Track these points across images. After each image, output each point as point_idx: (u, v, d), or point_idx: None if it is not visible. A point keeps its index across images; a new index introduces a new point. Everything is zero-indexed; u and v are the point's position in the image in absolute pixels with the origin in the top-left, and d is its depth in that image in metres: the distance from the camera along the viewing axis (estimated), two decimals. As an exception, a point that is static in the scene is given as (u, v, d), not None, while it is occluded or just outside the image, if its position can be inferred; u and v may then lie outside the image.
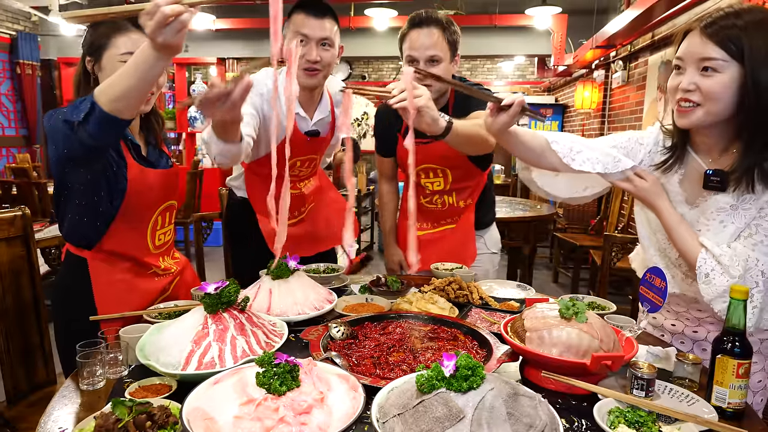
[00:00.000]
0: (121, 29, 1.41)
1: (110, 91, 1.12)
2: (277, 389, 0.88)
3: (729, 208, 1.21)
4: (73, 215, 1.44)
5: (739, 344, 1.01)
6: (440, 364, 0.87)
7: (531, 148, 1.40)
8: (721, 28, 1.13)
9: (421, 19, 1.76)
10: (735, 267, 1.17)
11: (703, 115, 1.17)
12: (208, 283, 1.19)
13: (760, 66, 1.11)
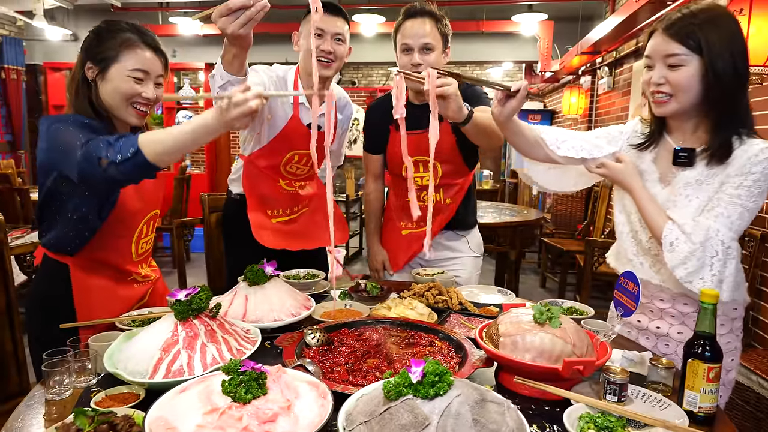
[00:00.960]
0: (132, 45, 1.41)
1: (160, 147, 1.21)
2: (242, 397, 0.87)
3: (695, 183, 1.32)
4: (62, 227, 1.42)
5: (710, 348, 1.02)
6: (407, 371, 0.86)
7: (526, 138, 1.52)
8: (680, 27, 1.26)
9: (415, 10, 1.84)
10: (696, 234, 1.25)
11: (675, 104, 1.31)
12: (179, 290, 1.17)
13: (717, 57, 1.24)
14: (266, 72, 1.90)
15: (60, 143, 1.31)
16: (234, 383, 0.89)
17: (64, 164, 1.30)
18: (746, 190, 1.24)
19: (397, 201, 2.15)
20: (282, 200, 2.05)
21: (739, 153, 1.27)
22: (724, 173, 1.28)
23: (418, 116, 1.91)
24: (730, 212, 1.25)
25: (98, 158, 1.21)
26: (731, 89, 1.26)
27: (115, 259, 1.50)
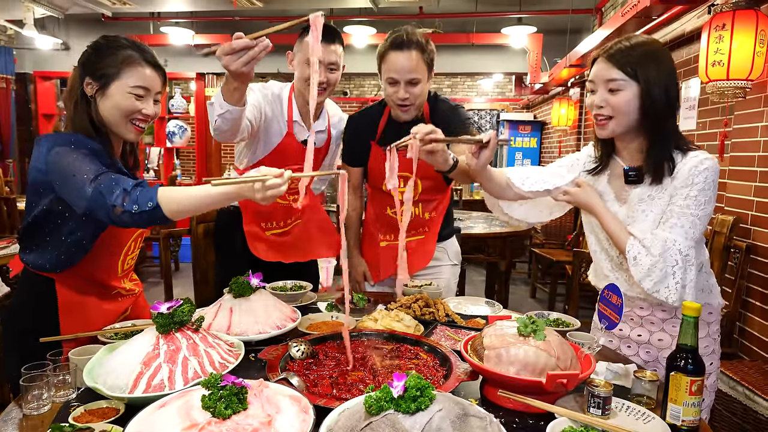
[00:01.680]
0: (133, 62, 1.40)
1: (177, 207, 1.25)
2: (221, 413, 0.85)
3: (647, 198, 1.40)
4: (53, 249, 1.39)
5: (692, 361, 1.02)
6: (389, 385, 0.86)
7: (498, 183, 1.63)
8: (620, 56, 1.36)
9: (401, 41, 1.79)
10: (655, 246, 1.32)
11: (614, 125, 1.40)
12: (162, 302, 1.16)
13: (653, 87, 1.35)
14: (261, 91, 1.91)
15: (63, 170, 1.29)
16: (214, 398, 0.88)
17: (66, 193, 1.29)
18: (693, 200, 1.32)
19: (376, 213, 2.15)
20: (276, 213, 2.05)
21: (681, 166, 1.36)
22: (672, 186, 1.37)
23: (401, 132, 1.92)
24: (683, 222, 1.33)
25: (112, 205, 1.22)
26: (663, 115, 1.37)
27: (101, 276, 1.48)
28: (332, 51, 1.85)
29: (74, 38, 6.85)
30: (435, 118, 1.95)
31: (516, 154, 8.90)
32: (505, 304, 4.28)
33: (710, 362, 1.46)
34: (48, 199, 1.35)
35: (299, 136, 1.97)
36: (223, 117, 1.57)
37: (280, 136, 1.94)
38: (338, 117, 2.15)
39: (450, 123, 1.91)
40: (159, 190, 1.25)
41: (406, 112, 1.89)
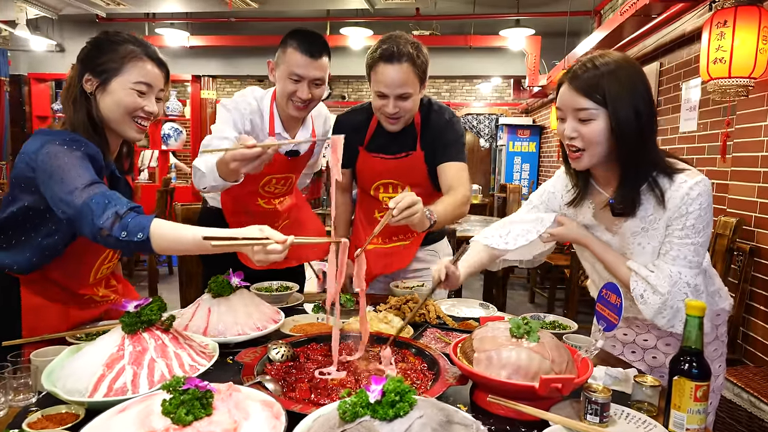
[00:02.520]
0: (136, 56, 1.34)
1: (167, 246, 1.19)
2: (182, 419, 0.78)
3: (641, 231, 1.30)
4: (26, 250, 1.32)
5: (697, 365, 0.94)
6: (366, 389, 0.78)
7: (482, 264, 1.57)
8: (585, 80, 1.23)
9: (391, 53, 1.66)
10: (662, 285, 1.24)
11: (588, 158, 1.28)
12: (129, 301, 1.08)
13: (618, 108, 1.21)
14: (238, 108, 1.77)
15: (52, 172, 1.21)
16: (175, 403, 0.80)
17: (50, 195, 1.22)
18: (691, 229, 1.24)
19: (363, 216, 2.08)
20: (261, 218, 1.97)
21: (672, 194, 1.25)
22: (665, 216, 1.27)
23: (391, 140, 1.86)
24: (685, 252, 1.25)
25: (99, 228, 1.15)
26: (634, 144, 1.23)
27: (69, 283, 1.40)
28: (318, 66, 1.72)
29: (68, 39, 6.80)
30: (426, 130, 1.87)
31: (515, 158, 8.85)
32: (503, 308, 4.20)
33: (718, 365, 1.40)
34: (32, 197, 1.28)
35: (282, 148, 1.87)
36: (215, 187, 1.54)
37: None
38: (323, 117, 2.05)
39: (441, 139, 1.85)
40: (153, 222, 1.16)
41: (394, 124, 1.81)
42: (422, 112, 1.87)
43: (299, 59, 1.67)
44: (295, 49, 1.68)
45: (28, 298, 1.32)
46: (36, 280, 1.34)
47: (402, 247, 2.01)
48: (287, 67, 1.70)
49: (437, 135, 1.85)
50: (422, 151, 1.86)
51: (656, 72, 4.11)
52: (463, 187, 1.79)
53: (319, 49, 1.70)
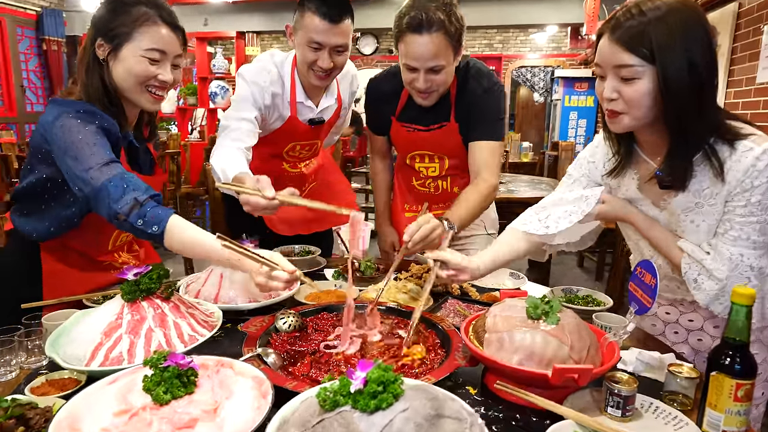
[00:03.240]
0: (148, 20, 1.26)
1: (179, 246, 1.17)
2: (159, 397, 0.75)
3: (694, 207, 1.13)
4: (45, 219, 1.33)
5: (741, 360, 0.82)
6: (348, 376, 0.72)
7: (518, 254, 1.36)
8: (627, 31, 1.03)
9: (419, 22, 1.46)
10: (719, 269, 1.09)
11: (630, 121, 1.10)
12: (131, 267, 1.07)
13: (668, 62, 1.01)
14: (257, 82, 1.64)
15: (67, 148, 1.19)
16: (155, 380, 0.77)
17: (65, 170, 1.21)
18: (757, 206, 1.06)
19: (402, 181, 1.97)
20: (288, 182, 1.92)
21: (733, 165, 1.06)
22: (725, 191, 1.08)
23: (423, 111, 1.70)
24: (748, 232, 1.08)
25: (116, 212, 1.14)
26: (686, 103, 1.04)
27: (88, 250, 1.41)
28: (339, 32, 1.56)
29: (119, -1, 6.89)
30: (461, 99, 1.68)
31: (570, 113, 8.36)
32: (547, 274, 4.04)
33: (759, 372, 1.22)
34: (49, 168, 1.27)
35: (304, 116, 1.75)
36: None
37: (282, 120, 1.74)
38: (350, 78, 1.90)
39: (476, 112, 1.66)
40: (171, 218, 1.14)
41: (426, 99, 1.63)
42: (458, 77, 1.66)
43: (318, 24, 1.52)
44: (313, 13, 1.53)
45: (48, 263, 1.35)
46: (56, 247, 1.36)
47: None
48: (306, 34, 1.56)
49: (472, 106, 1.67)
50: (456, 122, 1.70)
51: (734, 14, 3.65)
52: (490, 174, 1.64)
53: (340, 12, 1.54)
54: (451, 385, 1.01)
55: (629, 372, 1.08)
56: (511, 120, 10.74)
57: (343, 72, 1.74)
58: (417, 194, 1.93)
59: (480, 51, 10.13)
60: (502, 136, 1.70)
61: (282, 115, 1.72)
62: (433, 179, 1.87)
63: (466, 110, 1.68)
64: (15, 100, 6.62)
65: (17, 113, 6.68)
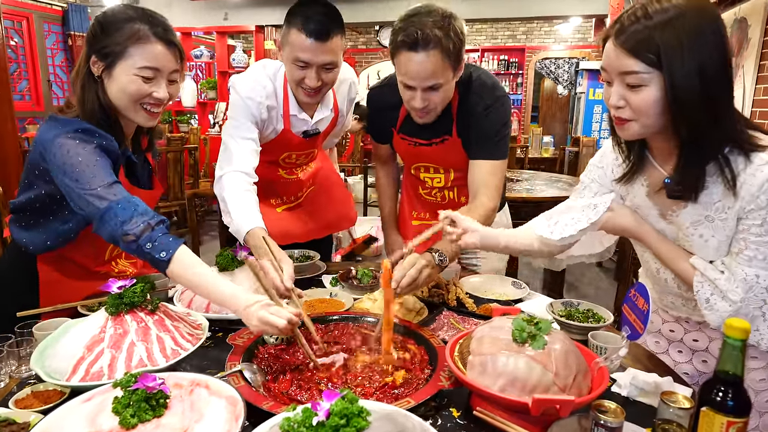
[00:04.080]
0: (141, 38, 1.24)
1: (181, 280, 1.14)
2: (126, 421, 0.75)
3: (705, 220, 1.07)
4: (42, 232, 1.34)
5: (733, 396, 0.77)
6: (313, 407, 0.70)
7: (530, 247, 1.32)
8: (632, 36, 0.97)
9: (414, 40, 1.37)
10: (734, 291, 1.03)
11: (639, 128, 1.05)
12: (115, 280, 1.07)
13: (675, 68, 0.95)
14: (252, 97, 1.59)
15: (66, 170, 1.18)
16: (124, 402, 0.77)
17: (67, 190, 1.20)
18: None
19: (408, 189, 1.93)
20: (284, 188, 1.91)
21: (747, 179, 0.99)
22: (737, 206, 1.02)
23: (423, 127, 1.64)
24: (764, 252, 1.02)
25: (124, 233, 1.12)
26: (696, 112, 0.97)
27: (84, 261, 1.42)
28: (327, 50, 1.49)
29: (141, -6, 6.97)
30: (462, 115, 1.60)
31: (595, 107, 8.15)
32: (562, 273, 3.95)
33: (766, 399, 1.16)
34: (47, 186, 1.27)
35: (298, 128, 1.71)
36: None
37: (275, 133, 1.70)
38: (347, 84, 1.83)
39: (476, 129, 1.59)
40: (180, 248, 1.12)
41: (423, 118, 1.55)
42: (460, 90, 1.59)
43: (304, 43, 1.46)
44: (299, 30, 1.46)
45: (45, 272, 1.36)
46: (53, 258, 1.37)
47: None
48: (292, 51, 1.50)
49: (473, 123, 1.60)
50: (459, 137, 1.63)
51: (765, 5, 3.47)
52: (488, 197, 1.57)
53: (328, 29, 1.46)
54: (435, 406, 0.99)
55: (623, 395, 1.04)
56: (535, 113, 10.53)
57: (339, 79, 1.68)
58: (424, 202, 1.89)
59: (503, 42, 9.95)
60: (504, 155, 1.62)
61: (275, 129, 1.69)
62: (439, 189, 1.83)
63: (466, 126, 1.61)
64: (42, 94, 6.79)
65: (44, 107, 6.84)
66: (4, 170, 3.75)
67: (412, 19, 1.40)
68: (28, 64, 6.57)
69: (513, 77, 9.80)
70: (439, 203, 1.85)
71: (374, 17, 6.54)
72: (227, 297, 1.09)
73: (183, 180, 4.41)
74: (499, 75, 9.75)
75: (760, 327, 1.06)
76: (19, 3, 6.38)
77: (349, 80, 1.83)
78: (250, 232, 1.41)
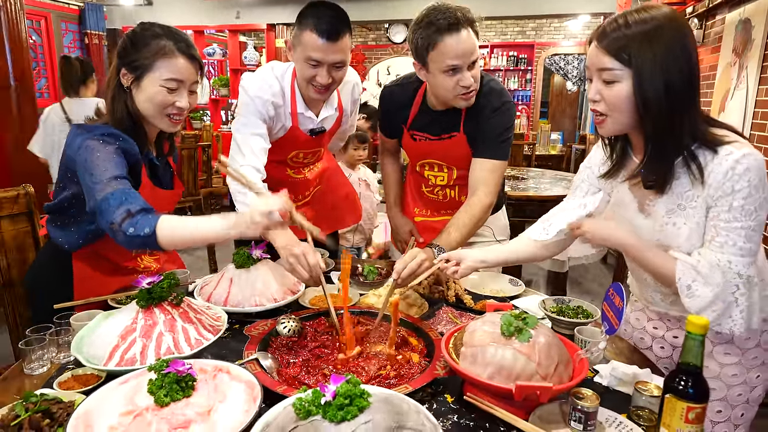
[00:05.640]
0: (167, 53, 1.38)
1: (176, 239, 1.23)
2: (161, 400, 0.86)
3: (677, 209, 1.17)
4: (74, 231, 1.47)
5: (693, 384, 0.87)
6: (321, 389, 0.81)
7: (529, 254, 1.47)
8: (612, 39, 1.11)
9: (454, 21, 1.53)
10: (713, 275, 1.10)
11: (612, 124, 1.18)
12: (144, 276, 1.19)
13: (644, 73, 1.09)
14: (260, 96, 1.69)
15: (86, 165, 1.30)
16: (158, 384, 0.89)
17: (83, 186, 1.32)
18: (740, 211, 1.08)
19: (412, 186, 2.04)
20: (292, 187, 2.01)
21: (714, 169, 1.09)
22: (705, 194, 1.12)
23: (435, 121, 1.77)
24: (734, 238, 1.09)
25: (110, 221, 1.22)
26: (662, 113, 1.10)
27: (115, 257, 1.54)
28: (337, 49, 1.59)
29: (155, -8, 7.11)
30: (471, 114, 1.72)
31: (603, 103, 8.15)
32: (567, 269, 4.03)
33: (757, 375, 1.26)
34: (77, 187, 1.39)
35: (305, 126, 1.82)
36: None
37: (284, 130, 1.81)
38: (351, 85, 1.93)
39: (482, 129, 1.71)
40: (160, 219, 1.21)
41: (471, 97, 1.65)
42: None
43: (316, 43, 1.57)
44: (311, 30, 1.56)
45: (79, 268, 1.49)
46: (86, 254, 1.50)
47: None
48: (304, 51, 1.60)
49: (481, 123, 1.72)
50: (465, 134, 1.75)
51: (770, 7, 3.50)
52: (486, 193, 1.70)
53: (338, 30, 1.57)
54: (432, 392, 1.10)
55: (604, 385, 1.14)
56: (544, 108, 10.54)
57: (344, 80, 1.78)
58: (426, 200, 2.00)
59: (512, 39, 9.96)
60: (505, 156, 1.74)
61: (284, 126, 1.80)
62: (441, 188, 1.93)
63: (473, 124, 1.73)
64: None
65: (62, 104, 7.03)
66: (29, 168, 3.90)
67: (435, 12, 1.56)
68: (46, 62, 6.73)
69: (522, 73, 9.82)
70: (440, 201, 1.95)
71: (384, 15, 6.61)
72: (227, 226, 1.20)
73: (197, 176, 4.56)
74: (509, 71, 9.77)
75: (733, 314, 1.10)
76: (38, 2, 6.54)
77: (352, 82, 1.94)
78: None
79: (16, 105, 3.66)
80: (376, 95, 10.81)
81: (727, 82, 4.03)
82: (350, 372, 1.12)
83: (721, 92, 4.15)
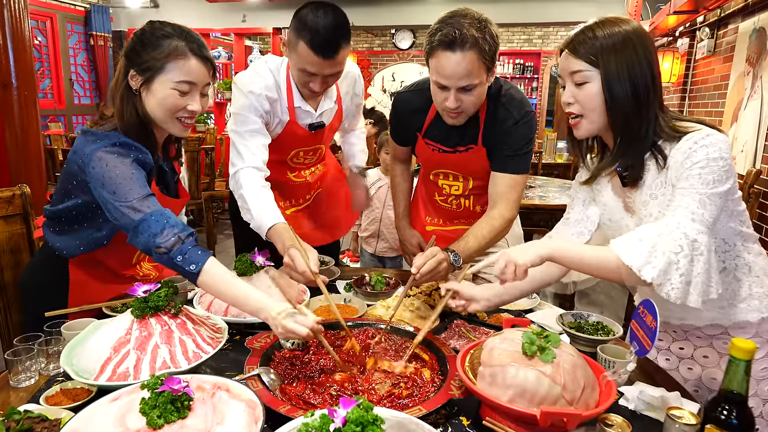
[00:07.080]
0: (179, 54, 1.29)
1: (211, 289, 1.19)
2: (153, 422, 0.79)
3: (650, 199, 1.19)
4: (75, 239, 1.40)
5: (737, 414, 0.79)
6: (330, 414, 0.74)
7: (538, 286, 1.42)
8: (580, 44, 1.17)
9: (452, 39, 1.40)
10: (648, 229, 1.07)
11: (587, 124, 1.21)
12: (140, 284, 1.12)
13: (611, 79, 1.14)
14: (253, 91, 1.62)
15: (105, 182, 1.23)
16: (151, 404, 0.81)
17: (104, 202, 1.24)
18: (697, 179, 1.07)
19: (424, 194, 1.96)
20: (292, 191, 1.95)
21: (674, 153, 1.13)
22: (670, 174, 1.14)
23: (449, 131, 1.67)
24: (688, 202, 1.07)
25: (157, 245, 1.16)
26: (628, 113, 1.16)
27: (112, 265, 1.47)
28: (333, 64, 1.54)
29: (161, -5, 7.10)
30: (490, 127, 1.63)
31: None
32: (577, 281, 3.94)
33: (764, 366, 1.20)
34: (85, 196, 1.32)
35: (303, 120, 1.75)
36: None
37: (282, 125, 1.74)
38: (351, 78, 1.85)
39: (503, 143, 1.62)
40: (209, 260, 1.16)
41: (455, 119, 1.58)
42: (489, 103, 1.61)
43: (312, 58, 1.50)
44: (307, 44, 1.48)
45: (75, 275, 1.42)
46: (84, 261, 1.43)
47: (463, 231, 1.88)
48: (299, 60, 1.53)
49: (501, 137, 1.63)
50: (484, 147, 1.66)
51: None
52: (507, 209, 1.64)
53: (335, 47, 1.50)
54: (446, 414, 1.02)
55: (630, 409, 1.06)
56: (549, 117, 10.48)
57: (344, 73, 1.69)
58: (439, 209, 1.92)
59: (519, 47, 9.92)
60: (526, 169, 1.67)
61: (282, 120, 1.73)
62: (455, 197, 1.85)
63: (493, 138, 1.64)
64: (64, 93, 6.95)
65: (66, 105, 7.00)
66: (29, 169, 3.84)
67: (449, 21, 1.44)
68: (51, 63, 6.72)
69: (528, 81, 9.77)
70: (454, 211, 1.88)
71: (390, 20, 6.58)
72: (257, 308, 1.13)
73: (199, 180, 4.50)
74: (514, 79, 9.71)
75: (672, 277, 1.01)
76: (44, 3, 6.53)
77: (352, 74, 1.85)
78: (273, 228, 1.46)
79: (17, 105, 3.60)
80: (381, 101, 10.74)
81: (740, 92, 3.96)
82: (359, 392, 1.04)
83: (734, 102, 4.08)
